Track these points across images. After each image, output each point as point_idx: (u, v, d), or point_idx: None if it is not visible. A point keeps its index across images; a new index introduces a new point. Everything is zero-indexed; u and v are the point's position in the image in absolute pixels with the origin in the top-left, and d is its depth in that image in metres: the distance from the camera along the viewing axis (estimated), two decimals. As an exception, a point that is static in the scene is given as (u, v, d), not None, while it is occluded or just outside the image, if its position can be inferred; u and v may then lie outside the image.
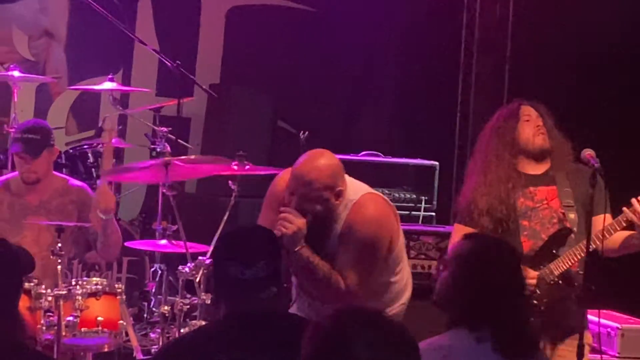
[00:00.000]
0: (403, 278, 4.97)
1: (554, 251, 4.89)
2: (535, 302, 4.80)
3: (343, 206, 4.72)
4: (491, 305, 3.62)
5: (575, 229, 4.89)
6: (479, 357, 3.57)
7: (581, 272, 4.77)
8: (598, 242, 4.73)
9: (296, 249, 4.64)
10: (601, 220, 4.75)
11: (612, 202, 4.92)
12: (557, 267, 4.85)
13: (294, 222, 4.62)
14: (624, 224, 4.78)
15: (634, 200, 4.75)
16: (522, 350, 3.62)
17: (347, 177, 4.81)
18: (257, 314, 3.48)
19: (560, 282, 4.85)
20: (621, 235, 4.85)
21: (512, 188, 4.96)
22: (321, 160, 4.69)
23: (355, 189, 4.80)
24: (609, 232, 4.78)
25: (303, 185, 4.64)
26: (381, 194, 4.96)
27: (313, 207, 4.66)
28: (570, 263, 4.82)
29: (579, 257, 4.79)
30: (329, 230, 4.74)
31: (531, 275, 4.82)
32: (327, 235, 4.75)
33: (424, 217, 7.12)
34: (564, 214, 4.93)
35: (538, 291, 4.83)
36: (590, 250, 4.65)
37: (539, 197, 4.98)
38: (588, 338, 4.88)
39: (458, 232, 4.99)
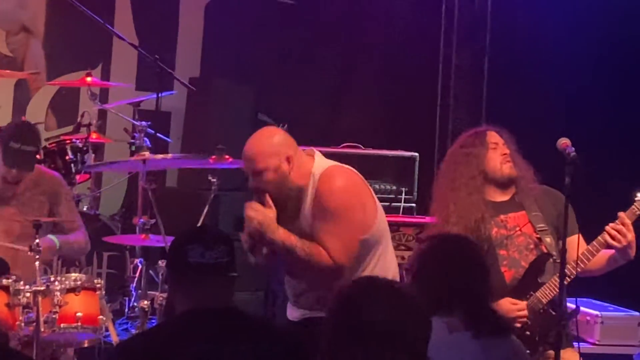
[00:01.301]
0: (387, 260, 4.89)
1: (538, 279, 4.86)
2: (528, 333, 4.80)
3: (311, 182, 4.74)
4: (458, 295, 3.72)
5: (554, 253, 4.88)
6: (454, 345, 3.64)
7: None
8: (581, 265, 4.71)
9: (270, 237, 4.65)
10: (575, 242, 4.70)
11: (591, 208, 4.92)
12: (544, 295, 4.84)
13: (256, 215, 4.65)
14: (603, 247, 4.79)
15: (609, 228, 4.74)
16: (493, 330, 3.73)
17: (318, 157, 4.84)
18: (215, 310, 3.45)
19: (550, 310, 4.83)
20: (604, 255, 4.85)
21: (482, 218, 4.95)
22: (260, 135, 4.82)
23: (322, 164, 4.82)
24: (588, 257, 4.77)
25: (249, 161, 4.74)
26: (350, 167, 4.93)
27: (267, 180, 4.68)
28: (557, 290, 4.79)
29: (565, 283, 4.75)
30: (297, 207, 4.75)
31: (521, 307, 4.81)
32: (297, 215, 4.75)
33: (404, 208, 7.12)
34: (539, 238, 4.92)
35: (529, 322, 4.82)
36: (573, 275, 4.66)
37: (511, 224, 4.98)
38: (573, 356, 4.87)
39: None
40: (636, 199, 4.82)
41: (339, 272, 4.66)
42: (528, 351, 4.54)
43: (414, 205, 7.19)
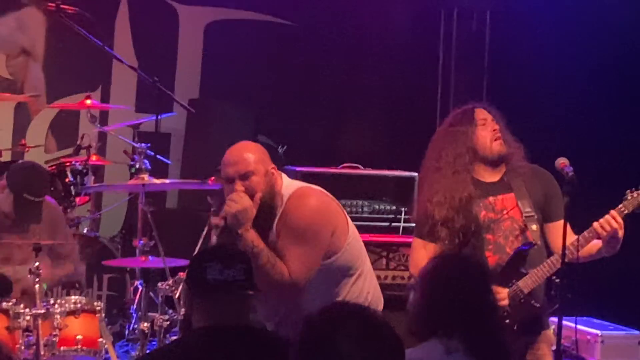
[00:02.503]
0: (362, 287, 4.83)
1: (522, 269, 4.82)
2: (507, 321, 4.77)
3: (278, 201, 4.71)
4: (460, 319, 3.64)
5: (538, 242, 4.84)
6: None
7: (557, 280, 4.74)
8: (569, 256, 4.69)
9: (240, 231, 4.57)
10: (558, 227, 4.66)
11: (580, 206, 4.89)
12: (526, 285, 4.78)
13: (239, 202, 4.58)
14: (593, 238, 4.77)
15: (604, 222, 4.73)
16: (493, 356, 3.66)
17: (285, 177, 4.81)
18: (231, 327, 3.48)
19: (531, 300, 4.81)
20: (593, 245, 4.82)
21: (469, 197, 4.83)
22: (246, 143, 4.79)
23: (292, 185, 4.80)
24: (576, 248, 4.73)
25: (236, 164, 4.65)
26: (321, 189, 4.88)
27: (255, 184, 4.62)
28: (539, 281, 4.78)
29: (548, 274, 4.75)
30: (269, 224, 4.71)
31: (503, 296, 4.77)
32: (268, 227, 4.71)
33: (403, 228, 7.11)
34: (525, 224, 4.87)
35: (509, 310, 4.79)
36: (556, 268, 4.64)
37: (499, 207, 4.88)
38: (548, 337, 4.86)
39: (417, 247, 4.92)
40: (625, 197, 4.80)
41: (294, 289, 4.63)
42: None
43: (413, 225, 7.17)
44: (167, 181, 6.76)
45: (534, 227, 4.83)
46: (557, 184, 4.79)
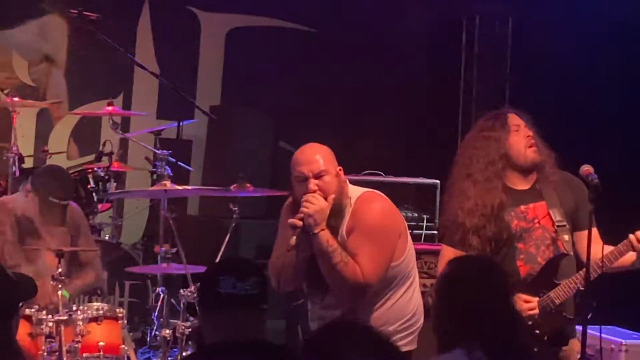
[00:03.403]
0: (411, 297, 4.85)
1: (554, 279, 4.78)
2: (537, 331, 4.73)
3: (346, 203, 4.74)
4: (480, 325, 3.58)
5: (570, 252, 4.81)
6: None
7: (582, 288, 4.69)
8: (597, 270, 4.65)
9: (316, 231, 4.61)
10: (585, 236, 4.57)
11: (609, 218, 4.85)
12: (558, 296, 4.73)
13: (316, 203, 4.62)
14: (628, 251, 4.72)
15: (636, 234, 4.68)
16: None
17: (349, 183, 4.84)
18: (243, 342, 3.43)
19: (563, 311, 4.77)
20: (628, 258, 4.77)
21: (501, 205, 4.78)
22: (315, 145, 4.81)
23: (356, 189, 4.84)
24: (611, 260, 4.70)
25: (312, 163, 4.69)
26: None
27: (328, 182, 4.66)
28: (571, 292, 4.74)
29: (579, 285, 4.69)
30: (338, 222, 4.72)
31: (532, 305, 4.73)
32: (337, 228, 4.72)
33: (426, 235, 7.09)
34: (557, 234, 4.82)
35: (539, 320, 4.75)
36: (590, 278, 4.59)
37: (530, 216, 4.83)
38: (575, 346, 4.83)
39: (447, 255, 4.83)
40: None
41: (364, 290, 4.65)
42: (535, 349, 4.50)
43: (435, 232, 7.16)
44: (189, 187, 6.76)
45: (566, 237, 4.78)
46: (587, 191, 4.73)
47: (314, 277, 4.77)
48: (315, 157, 4.72)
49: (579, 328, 4.72)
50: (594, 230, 4.70)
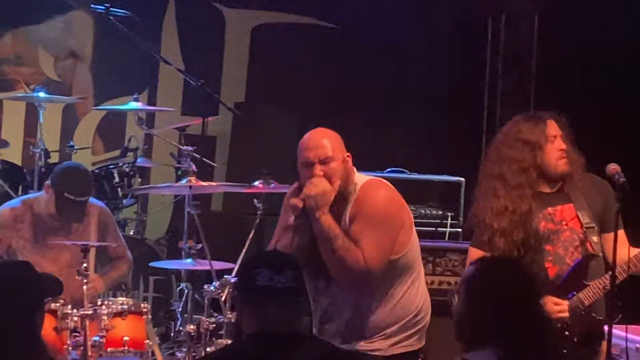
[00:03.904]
0: (417, 292, 4.81)
1: (583, 281, 4.78)
2: (567, 333, 4.72)
3: (351, 190, 4.71)
4: (505, 324, 3.57)
5: (599, 254, 4.80)
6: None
7: (607, 288, 4.68)
8: (633, 269, 4.64)
9: (317, 214, 4.58)
10: (612, 238, 4.56)
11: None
12: (587, 297, 4.75)
13: (319, 185, 4.61)
14: None
15: None
16: None
17: (355, 170, 4.83)
18: (282, 334, 3.47)
19: (592, 312, 4.77)
20: None
21: (530, 211, 4.80)
22: (325, 129, 4.83)
23: (361, 176, 4.82)
24: (636, 264, 4.68)
25: (318, 148, 4.70)
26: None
27: (335, 169, 4.66)
28: (601, 292, 4.73)
29: (609, 286, 4.66)
30: (342, 209, 4.70)
31: (563, 308, 4.73)
32: (340, 214, 4.70)
33: (450, 233, 7.08)
34: (585, 236, 4.82)
35: (569, 322, 4.74)
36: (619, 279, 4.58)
37: (558, 218, 4.86)
38: (602, 346, 4.81)
39: (474, 256, 4.81)
40: None
41: (366, 276, 4.61)
42: (565, 351, 4.50)
43: (459, 230, 7.15)
44: (214, 184, 6.77)
45: (595, 238, 4.78)
46: (613, 191, 4.73)
47: (314, 264, 4.72)
48: (322, 142, 4.71)
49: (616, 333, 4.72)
50: (621, 232, 4.70)
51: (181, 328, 6.73)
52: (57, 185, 5.77)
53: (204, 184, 5.99)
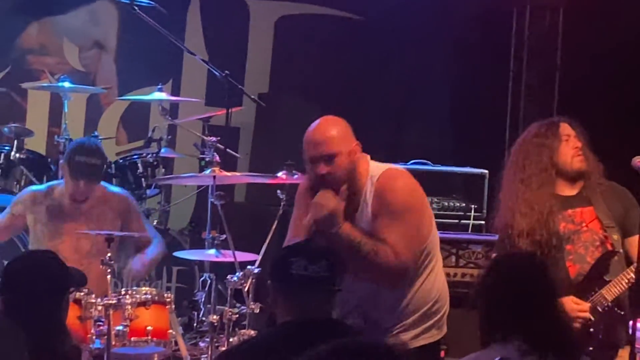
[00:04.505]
0: (434, 281, 4.77)
1: (604, 277, 4.81)
2: (591, 330, 4.74)
3: (368, 181, 4.63)
4: (524, 321, 3.57)
5: (620, 250, 4.84)
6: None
7: (632, 281, 4.69)
8: None
9: (334, 231, 4.49)
10: (636, 241, 4.64)
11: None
12: (609, 292, 4.79)
13: (327, 204, 4.50)
14: None
15: None
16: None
17: (370, 160, 4.75)
18: (316, 322, 3.48)
19: (615, 308, 4.78)
20: None
21: (551, 212, 4.89)
22: (330, 120, 4.72)
23: (378, 166, 4.73)
24: None
25: (321, 145, 4.58)
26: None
27: (339, 165, 4.56)
28: (622, 288, 4.75)
29: (631, 282, 4.69)
30: (357, 204, 4.64)
31: (583, 308, 4.75)
32: (355, 211, 4.64)
33: (473, 225, 7.07)
34: (606, 236, 4.87)
35: (592, 319, 4.76)
36: None
37: (578, 220, 4.94)
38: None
39: None
40: None
41: (402, 271, 4.54)
42: (591, 348, 4.51)
43: (483, 222, 7.13)
44: (238, 174, 6.77)
45: (615, 236, 4.86)
46: (634, 198, 4.80)
47: None
48: (326, 137, 4.59)
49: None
50: None
51: (204, 318, 6.76)
52: (68, 155, 5.86)
53: (228, 174, 5.99)
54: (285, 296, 3.57)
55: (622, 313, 4.78)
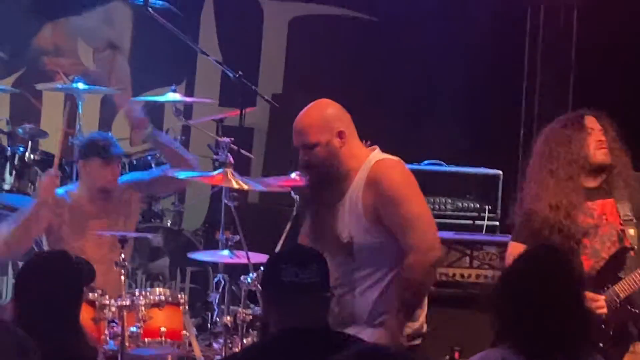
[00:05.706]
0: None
1: (618, 273, 4.79)
2: (603, 326, 4.72)
3: (364, 166, 4.67)
4: (541, 319, 3.51)
5: (636, 246, 4.82)
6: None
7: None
8: None
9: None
10: None
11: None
12: (622, 289, 4.76)
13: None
14: None
15: None
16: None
17: (377, 150, 4.78)
18: (309, 330, 3.45)
19: (628, 305, 4.77)
20: None
21: (572, 204, 4.89)
22: (314, 108, 4.84)
23: (381, 155, 4.75)
24: None
25: (300, 134, 4.71)
26: None
27: (317, 155, 4.63)
28: (636, 286, 4.74)
29: None
30: (344, 188, 4.65)
31: (601, 304, 4.73)
32: (341, 195, 4.65)
33: (487, 226, 7.05)
34: (623, 230, 4.86)
35: (605, 316, 4.75)
36: None
37: (598, 213, 4.93)
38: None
39: (514, 251, 4.83)
40: None
41: (433, 255, 4.56)
42: (601, 344, 4.50)
43: (497, 223, 7.11)
44: (251, 181, 6.77)
45: (632, 231, 4.82)
46: None
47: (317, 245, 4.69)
48: (304, 127, 4.71)
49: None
50: None
51: (218, 319, 6.75)
52: (82, 149, 5.89)
53: (238, 182, 5.99)
54: (277, 304, 3.52)
55: (636, 311, 4.77)
